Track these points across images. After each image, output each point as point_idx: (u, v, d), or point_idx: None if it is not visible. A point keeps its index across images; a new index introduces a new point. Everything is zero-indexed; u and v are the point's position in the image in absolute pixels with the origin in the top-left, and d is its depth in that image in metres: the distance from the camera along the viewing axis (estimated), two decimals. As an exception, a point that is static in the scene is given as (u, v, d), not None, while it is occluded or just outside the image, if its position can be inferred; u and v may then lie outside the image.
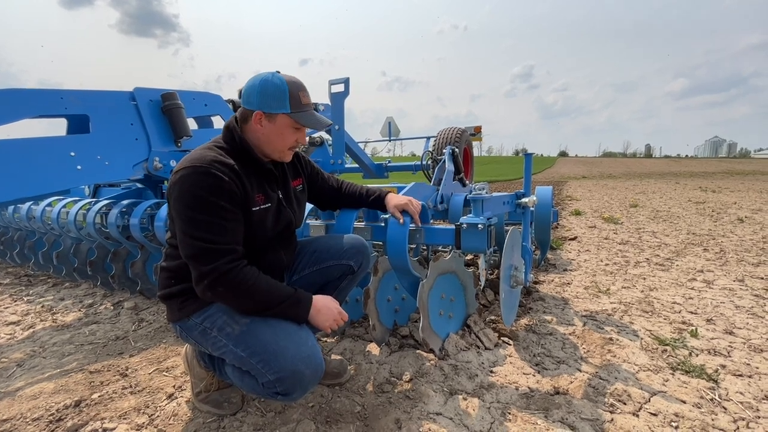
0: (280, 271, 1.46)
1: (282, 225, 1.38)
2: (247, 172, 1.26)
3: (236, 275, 1.14)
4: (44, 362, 1.83)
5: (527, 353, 1.78)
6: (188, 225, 1.13)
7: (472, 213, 1.62)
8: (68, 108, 2.35)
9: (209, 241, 1.13)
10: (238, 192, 1.19)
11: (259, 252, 1.33)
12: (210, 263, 1.12)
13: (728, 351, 1.80)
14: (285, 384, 1.14)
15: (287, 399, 1.19)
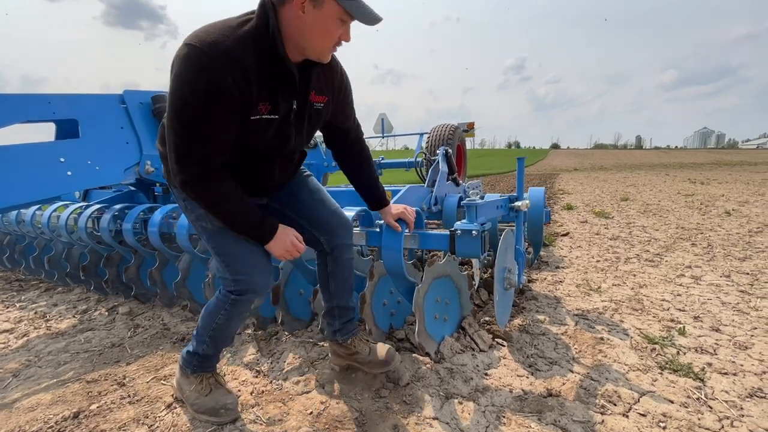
0: (265, 187, 1.39)
1: (280, 141, 1.26)
2: (262, 72, 1.10)
3: (206, 187, 1.13)
4: (40, 372, 1.83)
5: (521, 354, 1.82)
6: (173, 115, 1.06)
7: (466, 218, 1.64)
8: (56, 113, 2.32)
9: (188, 142, 1.08)
10: (239, 97, 1.07)
11: (248, 160, 1.24)
12: (182, 165, 1.10)
13: (714, 349, 1.85)
14: (239, 285, 1.30)
15: (240, 298, 1.32)
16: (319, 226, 1.51)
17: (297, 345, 1.95)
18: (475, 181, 3.83)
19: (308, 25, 1.08)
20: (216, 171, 1.13)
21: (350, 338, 1.62)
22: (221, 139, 1.11)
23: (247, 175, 1.28)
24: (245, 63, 1.06)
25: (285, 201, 1.51)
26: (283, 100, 1.17)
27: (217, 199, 1.15)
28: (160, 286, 2.53)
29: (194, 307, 2.43)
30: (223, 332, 1.42)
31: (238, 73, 1.05)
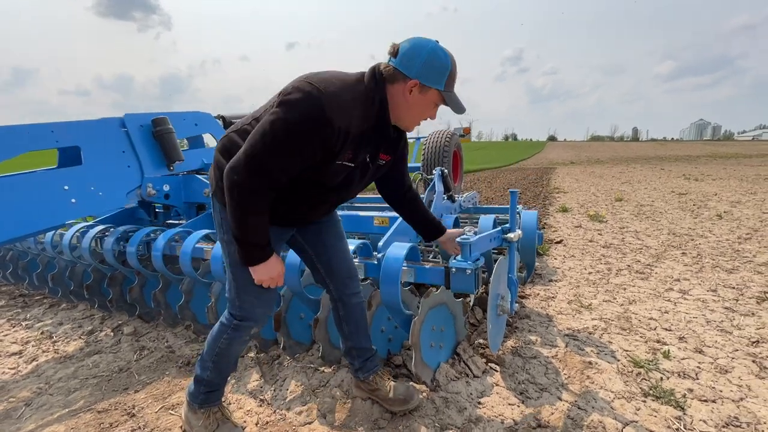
0: (305, 219, 1.51)
1: (343, 185, 1.39)
2: (360, 129, 1.26)
3: (250, 198, 1.22)
4: (52, 400, 1.90)
5: (512, 380, 1.91)
6: (270, 128, 1.17)
7: (461, 256, 1.71)
8: (59, 141, 2.36)
9: (268, 155, 1.17)
10: (335, 143, 1.21)
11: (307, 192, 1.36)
12: (249, 169, 1.18)
13: (696, 373, 1.95)
14: (243, 312, 1.45)
15: (241, 324, 1.46)
16: (332, 275, 1.64)
17: (298, 371, 2.03)
18: (469, 193, 3.90)
19: (410, 104, 1.30)
20: (268, 188, 1.23)
21: (371, 375, 1.72)
22: (294, 167, 1.23)
23: (299, 204, 1.40)
24: (351, 119, 1.22)
25: (311, 240, 1.62)
26: (363, 152, 1.34)
27: (249, 209, 1.24)
28: (164, 307, 2.60)
29: (198, 328, 2.51)
30: (226, 357, 1.51)
31: (344, 124, 1.20)
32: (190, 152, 3.10)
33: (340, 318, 1.71)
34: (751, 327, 2.42)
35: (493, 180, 14.96)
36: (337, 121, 1.18)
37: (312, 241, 1.62)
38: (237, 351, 1.53)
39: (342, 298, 1.68)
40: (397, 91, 1.29)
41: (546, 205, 7.94)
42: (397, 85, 1.28)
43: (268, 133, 1.18)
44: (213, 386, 1.55)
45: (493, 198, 9.24)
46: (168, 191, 2.82)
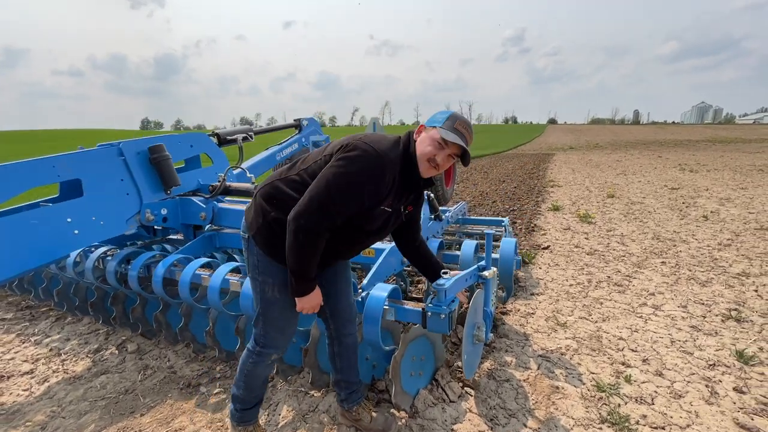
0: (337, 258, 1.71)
1: (380, 228, 1.62)
2: (401, 181, 1.53)
3: (313, 239, 1.43)
4: (65, 423, 2.08)
5: (485, 406, 2.10)
6: (332, 181, 1.40)
7: (435, 300, 1.86)
8: (61, 175, 2.46)
9: (334, 204, 1.40)
10: (385, 191, 1.47)
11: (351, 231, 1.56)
12: (318, 216, 1.40)
13: (653, 398, 2.13)
14: (266, 341, 1.68)
15: (264, 351, 1.68)
16: (336, 316, 1.86)
17: (290, 395, 2.22)
18: (458, 205, 4.02)
19: (419, 141, 1.56)
20: (327, 230, 1.45)
21: (354, 407, 1.92)
22: (351, 212, 1.46)
23: (341, 246, 1.61)
24: (395, 172, 1.50)
25: (327, 281, 1.79)
26: (398, 201, 1.60)
27: (310, 249, 1.45)
28: (165, 327, 2.77)
29: (197, 347, 2.69)
30: (253, 377, 1.73)
31: (391, 176, 1.48)
32: (185, 174, 3.20)
33: (335, 353, 1.91)
34: (711, 348, 2.61)
35: (490, 169, 15.04)
36: (387, 174, 1.46)
37: (327, 283, 1.80)
38: (263, 372, 1.75)
39: (339, 337, 1.88)
40: (416, 139, 1.58)
41: (538, 202, 8.07)
42: (416, 134, 1.59)
43: (332, 184, 1.41)
44: (246, 404, 1.76)
45: (487, 193, 9.36)
46: (166, 214, 2.94)
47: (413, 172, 1.56)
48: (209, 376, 2.45)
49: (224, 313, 2.45)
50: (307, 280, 1.53)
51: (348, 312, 1.87)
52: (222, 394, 2.28)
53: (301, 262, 1.48)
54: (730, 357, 2.49)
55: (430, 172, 1.58)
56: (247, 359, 1.72)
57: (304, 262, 1.48)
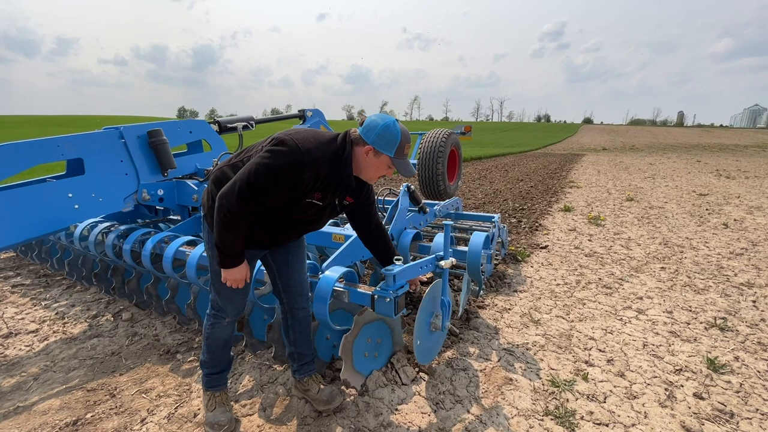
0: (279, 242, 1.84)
1: (313, 218, 1.76)
2: (329, 179, 1.62)
3: (232, 219, 1.56)
4: (54, 377, 2.32)
5: (434, 391, 2.16)
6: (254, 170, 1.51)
7: (383, 284, 1.94)
8: (65, 154, 2.71)
9: (251, 192, 1.51)
10: (305, 187, 1.57)
11: (284, 221, 1.71)
12: (236, 199, 1.52)
13: (605, 397, 2.13)
14: (218, 307, 1.86)
15: (217, 314, 1.87)
16: (288, 291, 2.00)
17: (255, 367, 2.36)
18: (451, 200, 4.05)
19: (367, 164, 1.67)
20: (248, 213, 1.58)
21: (305, 378, 2.04)
22: (268, 201, 1.58)
23: (275, 230, 1.75)
24: (320, 169, 1.58)
25: (278, 260, 1.96)
26: (331, 196, 1.71)
27: (230, 227, 1.59)
28: (155, 299, 2.99)
29: (182, 319, 2.89)
30: (212, 339, 1.90)
31: (313, 173, 1.56)
32: (185, 158, 3.41)
33: (288, 326, 2.04)
34: (684, 354, 2.54)
35: (511, 168, 14.76)
36: (308, 171, 1.54)
37: (278, 261, 1.96)
38: (220, 335, 1.91)
39: (291, 311, 2.01)
40: (360, 152, 1.66)
41: (551, 202, 7.91)
42: (359, 147, 1.66)
43: (253, 172, 1.52)
44: (212, 368, 1.93)
45: (501, 191, 9.24)
46: (162, 195, 3.15)
47: (344, 172, 1.65)
48: (188, 346, 2.64)
49: (204, 289, 2.62)
50: (229, 256, 1.66)
51: (299, 288, 1.98)
52: (195, 362, 2.45)
53: (222, 238, 1.61)
54: (700, 364, 2.43)
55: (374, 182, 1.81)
56: (206, 323, 1.91)
57: (225, 238, 1.61)
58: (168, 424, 1.93)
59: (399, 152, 1.64)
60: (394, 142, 1.62)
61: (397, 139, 1.62)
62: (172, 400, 2.10)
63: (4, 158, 2.48)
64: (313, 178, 1.57)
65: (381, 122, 1.62)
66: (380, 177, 1.76)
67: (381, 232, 2.05)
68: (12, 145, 2.50)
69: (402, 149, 1.65)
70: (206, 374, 1.94)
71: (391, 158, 1.64)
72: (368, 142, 1.63)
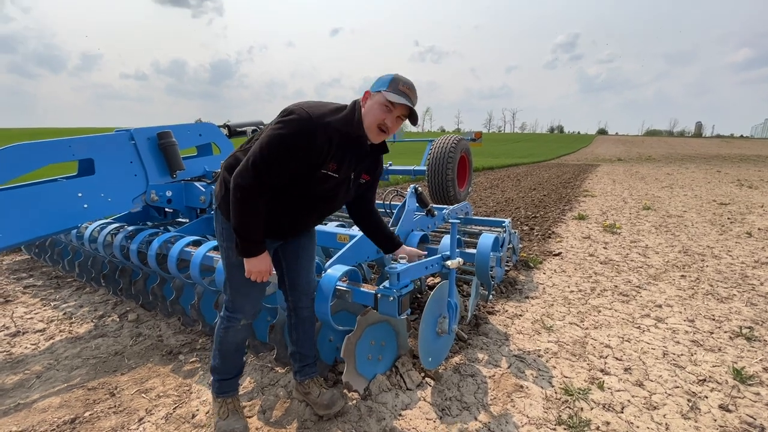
0: (294, 228, 1.78)
1: (330, 194, 1.68)
2: (342, 145, 1.57)
3: (249, 197, 1.51)
4: (57, 375, 2.31)
5: (440, 396, 2.07)
6: (266, 142, 1.49)
7: (388, 283, 1.88)
8: (76, 154, 2.75)
9: (265, 164, 1.48)
10: (318, 153, 1.52)
11: (298, 197, 1.65)
12: (251, 173, 1.49)
13: (623, 407, 2.00)
14: (233, 306, 1.77)
15: (232, 315, 1.77)
16: (294, 289, 1.93)
17: (257, 368, 2.31)
18: (459, 204, 3.97)
19: (367, 108, 1.60)
20: (265, 191, 1.53)
21: (306, 380, 1.97)
22: (284, 174, 1.54)
23: (291, 212, 1.68)
24: (332, 135, 1.54)
25: (288, 256, 1.90)
26: (347, 167, 1.65)
27: (249, 207, 1.53)
28: (161, 300, 2.97)
29: (186, 320, 2.86)
30: (225, 343, 1.80)
31: (325, 140, 1.52)
32: (194, 160, 3.44)
33: (291, 325, 1.99)
34: (708, 364, 2.40)
35: (524, 177, 14.59)
36: (320, 137, 1.50)
37: (289, 258, 1.91)
38: (234, 339, 1.81)
39: (296, 310, 1.96)
40: (363, 105, 1.61)
41: (564, 211, 7.74)
42: (363, 100, 1.62)
43: (265, 144, 1.49)
44: (224, 374, 1.83)
45: (513, 199, 9.11)
46: (170, 196, 3.17)
47: (359, 138, 1.60)
48: (190, 347, 2.60)
49: (209, 289, 2.60)
50: (250, 241, 1.58)
51: (306, 287, 1.93)
52: (197, 363, 2.42)
53: (242, 220, 1.54)
54: (725, 374, 2.28)
55: (381, 137, 1.64)
56: (219, 326, 1.81)
57: (244, 220, 1.54)
58: (165, 424, 1.89)
59: (393, 87, 1.57)
60: (388, 78, 1.59)
61: (391, 76, 1.59)
62: (171, 401, 2.06)
63: (18, 157, 2.53)
64: (326, 145, 1.53)
65: (383, 76, 1.62)
66: (381, 126, 1.59)
67: (375, 214, 2.01)
68: (25, 145, 2.55)
69: (396, 85, 1.57)
70: (217, 380, 1.83)
71: (383, 92, 1.56)
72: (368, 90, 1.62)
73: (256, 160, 1.49)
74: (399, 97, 1.55)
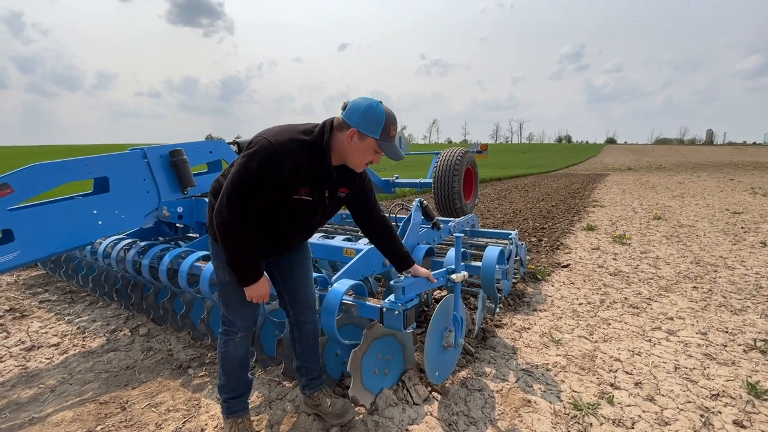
0: (279, 248, 1.80)
1: (308, 215, 1.69)
2: (311, 168, 1.56)
3: (234, 232, 1.53)
4: (70, 389, 2.35)
5: (447, 411, 2.06)
6: (236, 177, 1.50)
7: (394, 297, 1.90)
8: (91, 173, 2.84)
9: (238, 197, 1.49)
10: (287, 182, 1.52)
11: (278, 225, 1.66)
12: (228, 211, 1.50)
13: (634, 422, 1.97)
14: (228, 322, 1.81)
15: (228, 329, 1.81)
16: (294, 303, 1.94)
17: (264, 383, 2.33)
18: (466, 216, 3.99)
19: (353, 149, 1.59)
20: (245, 222, 1.54)
21: (315, 392, 1.99)
22: (259, 207, 1.55)
23: (273, 235, 1.70)
24: (299, 161, 1.53)
25: (283, 271, 1.91)
26: (319, 189, 1.65)
27: (235, 241, 1.55)
28: (171, 314, 3.02)
29: (195, 335, 2.90)
30: (227, 358, 1.83)
31: (292, 166, 1.51)
32: (205, 177, 3.52)
33: (295, 339, 2.00)
34: (721, 378, 2.35)
35: (532, 188, 14.55)
36: (285, 165, 1.49)
37: (283, 273, 1.92)
38: (235, 353, 1.83)
39: (298, 324, 1.97)
40: (344, 138, 1.58)
41: (573, 222, 7.69)
42: (343, 132, 1.58)
43: (235, 179, 1.51)
44: (231, 392, 1.84)
45: (521, 210, 9.08)
46: (181, 212, 3.25)
47: (326, 162, 1.59)
48: (200, 361, 2.63)
49: (218, 304, 2.64)
50: (246, 270, 1.62)
51: (306, 300, 1.94)
52: (206, 377, 2.44)
53: (232, 255, 1.58)
54: (739, 389, 2.23)
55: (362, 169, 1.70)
56: (219, 342, 1.85)
57: (234, 254, 1.58)
58: (175, 438, 1.91)
59: (385, 134, 1.56)
60: (379, 122, 1.54)
61: (382, 119, 1.54)
62: (181, 415, 2.09)
63: (37, 177, 2.63)
64: (293, 171, 1.51)
65: (364, 103, 1.55)
66: (368, 164, 1.66)
67: (385, 227, 1.94)
68: (43, 165, 2.65)
69: (388, 131, 1.57)
70: (225, 400, 1.84)
71: (377, 140, 1.56)
72: (351, 125, 1.55)
73: (229, 195, 1.51)
74: (393, 149, 1.60)
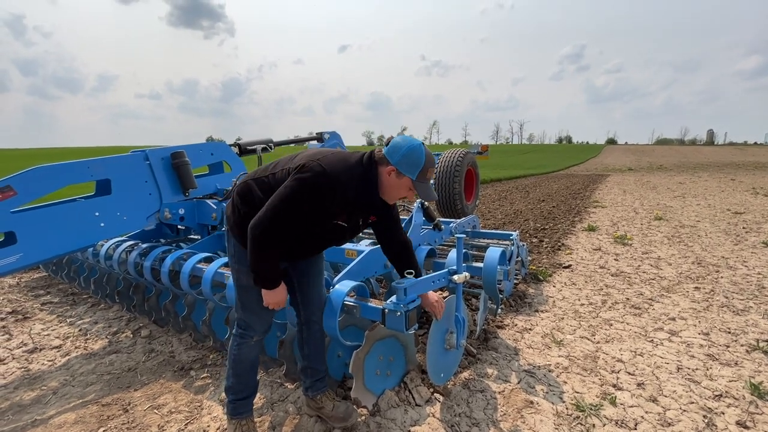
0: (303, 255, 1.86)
1: (339, 236, 1.78)
2: (355, 202, 1.66)
3: (267, 247, 1.58)
4: (72, 391, 2.35)
5: (449, 413, 2.06)
6: (284, 195, 1.55)
7: (395, 298, 1.90)
8: (93, 175, 2.85)
9: (281, 217, 1.54)
10: (331, 208, 1.61)
11: (308, 239, 1.74)
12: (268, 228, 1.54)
13: (636, 423, 1.97)
14: (244, 324, 1.83)
15: (244, 332, 1.83)
16: (306, 303, 1.97)
17: (266, 384, 2.33)
18: (467, 218, 3.99)
19: (389, 184, 1.69)
20: (282, 239, 1.60)
21: (318, 395, 1.99)
22: (298, 226, 1.62)
23: (300, 247, 1.77)
24: (347, 194, 1.62)
25: (298, 271, 1.95)
26: (356, 216, 1.76)
27: (266, 256, 1.61)
28: (173, 316, 3.03)
29: (197, 336, 2.90)
30: (239, 361, 1.84)
31: (340, 198, 1.60)
32: (206, 179, 3.53)
33: (303, 339, 2.01)
34: (724, 378, 2.34)
35: (532, 189, 14.53)
36: (337, 195, 1.58)
37: (299, 272, 1.95)
38: (247, 356, 1.85)
39: (307, 323, 1.99)
40: (383, 172, 1.67)
41: (574, 222, 7.68)
42: (383, 167, 1.67)
43: (284, 200, 1.55)
44: (238, 394, 1.85)
45: (522, 211, 9.07)
46: (183, 214, 3.25)
47: (371, 194, 1.69)
48: (201, 363, 2.63)
49: (219, 305, 2.64)
50: (267, 280, 1.67)
51: (317, 300, 1.97)
52: (208, 379, 2.44)
53: (258, 265, 1.63)
54: (742, 389, 2.23)
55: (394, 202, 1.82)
56: (232, 344, 1.86)
57: (261, 265, 1.63)
58: (177, 440, 1.91)
59: (421, 176, 1.65)
60: (418, 164, 1.63)
61: (421, 161, 1.63)
62: (183, 417, 2.09)
63: (39, 179, 2.64)
64: (341, 202, 1.60)
65: (406, 144, 1.63)
66: (401, 198, 1.76)
67: (406, 249, 2.00)
68: (45, 167, 2.66)
69: (425, 173, 1.65)
70: (231, 401, 1.84)
71: (413, 181, 1.65)
72: (392, 162, 1.63)
73: (275, 215, 1.55)
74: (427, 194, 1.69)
